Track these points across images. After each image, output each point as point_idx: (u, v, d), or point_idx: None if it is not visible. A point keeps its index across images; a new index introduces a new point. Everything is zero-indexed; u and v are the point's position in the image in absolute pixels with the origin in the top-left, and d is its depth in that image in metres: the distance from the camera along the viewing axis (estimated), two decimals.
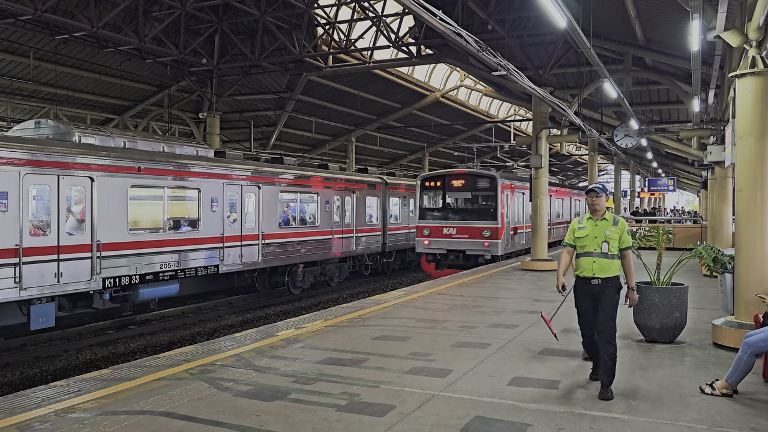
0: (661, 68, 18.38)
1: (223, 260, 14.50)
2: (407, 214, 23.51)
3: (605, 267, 5.94)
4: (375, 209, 21.43)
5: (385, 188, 22.05)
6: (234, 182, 14.97)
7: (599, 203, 6.07)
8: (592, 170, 30.06)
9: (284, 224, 16.73)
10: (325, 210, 18.34)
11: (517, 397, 5.77)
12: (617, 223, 6.07)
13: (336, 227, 18.84)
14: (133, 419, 5.22)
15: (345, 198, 19.43)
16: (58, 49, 18.40)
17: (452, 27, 8.19)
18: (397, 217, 22.87)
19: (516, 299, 11.94)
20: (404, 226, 23.29)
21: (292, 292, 17.25)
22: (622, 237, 6.02)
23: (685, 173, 45.34)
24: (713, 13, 7.72)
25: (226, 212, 14.64)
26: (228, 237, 14.66)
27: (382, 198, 21.86)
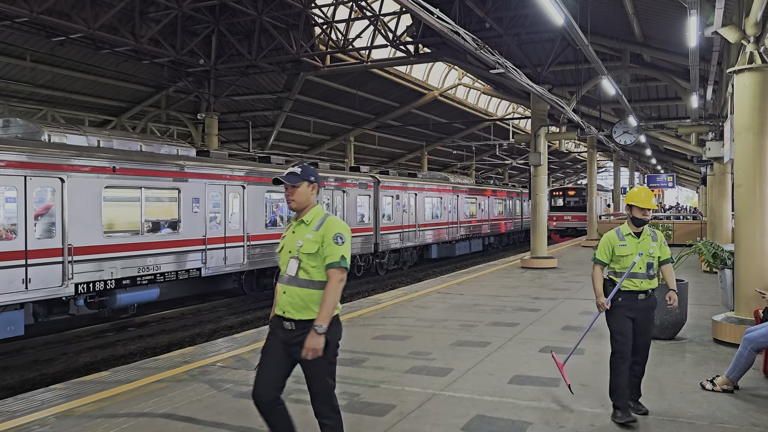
0: (659, 65, 18.37)
1: (205, 263, 13.95)
2: (401, 213, 22.86)
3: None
4: (367, 208, 20.76)
5: (377, 187, 21.38)
6: (217, 182, 14.41)
7: (298, 198, 3.78)
8: (591, 167, 30.03)
9: (271, 225, 16.12)
10: None
11: (517, 395, 5.75)
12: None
13: None
14: (133, 421, 5.21)
15: (335, 197, 18.78)
16: (54, 51, 18.35)
17: (450, 25, 8.17)
18: (390, 216, 22.12)
19: (516, 297, 11.93)
20: (398, 226, 22.54)
21: None
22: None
23: (684, 169, 45.34)
24: (711, 9, 7.70)
25: (208, 213, 14.08)
26: (211, 239, 14.10)
27: (374, 197, 21.18)
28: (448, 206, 26.72)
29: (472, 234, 29.34)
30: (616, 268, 5.26)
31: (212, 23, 19.13)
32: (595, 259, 5.41)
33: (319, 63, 20.78)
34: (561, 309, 10.47)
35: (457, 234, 27.53)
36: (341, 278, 3.70)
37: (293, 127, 29.34)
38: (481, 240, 30.71)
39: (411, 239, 23.39)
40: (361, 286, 19.57)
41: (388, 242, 21.79)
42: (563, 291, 12.65)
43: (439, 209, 25.95)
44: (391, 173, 24.00)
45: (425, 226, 24.58)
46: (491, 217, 31.95)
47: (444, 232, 26.24)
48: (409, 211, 23.31)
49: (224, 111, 25.30)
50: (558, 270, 16.85)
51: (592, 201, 29.08)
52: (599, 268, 5.38)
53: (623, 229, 5.34)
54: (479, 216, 30.28)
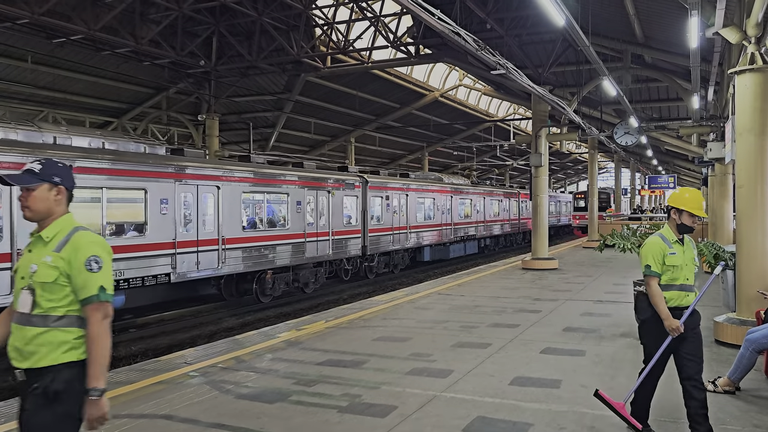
0: (660, 65, 18.37)
1: (175, 268, 13.00)
2: (391, 214, 21.74)
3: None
4: (354, 210, 19.70)
5: (365, 187, 20.29)
6: (188, 182, 13.54)
7: (35, 205, 2.87)
8: (592, 168, 30.02)
9: (249, 227, 15.25)
10: (296, 211, 16.65)
11: (518, 396, 5.74)
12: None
13: (309, 229, 17.14)
14: (134, 423, 5.20)
15: (320, 198, 17.79)
16: (54, 53, 18.35)
17: (451, 26, 8.17)
18: (379, 218, 21.04)
19: (516, 298, 11.92)
20: (388, 228, 21.41)
21: (260, 300, 15.80)
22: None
23: (685, 170, 45.30)
24: (712, 9, 7.70)
25: (178, 215, 13.21)
26: (182, 242, 13.20)
27: (362, 198, 20.09)
28: (442, 207, 25.79)
29: (467, 236, 28.40)
30: (663, 280, 4.61)
31: (213, 24, 19.13)
32: (650, 272, 4.60)
33: (319, 64, 20.77)
34: (562, 310, 10.45)
35: (451, 236, 26.59)
36: (105, 315, 2.82)
37: (294, 128, 29.34)
38: (476, 242, 29.82)
39: (402, 241, 22.40)
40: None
41: (377, 245, 20.76)
42: (564, 292, 12.63)
43: (432, 210, 25.04)
44: (382, 173, 23.10)
45: (417, 228, 23.63)
46: (487, 219, 31.11)
47: (437, 234, 25.35)
48: (400, 212, 22.35)
49: (225, 112, 25.30)
50: (559, 271, 16.83)
51: (593, 202, 29.08)
52: (656, 282, 4.61)
53: (667, 234, 4.70)
54: (474, 217, 29.42)
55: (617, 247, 8.37)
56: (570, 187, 76.67)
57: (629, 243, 8.29)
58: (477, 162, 46.35)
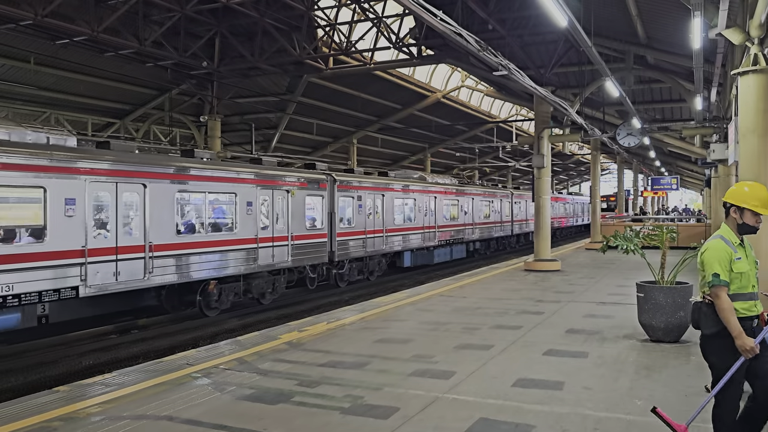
0: (663, 66, 18.34)
1: (85, 280, 10.99)
2: (364, 217, 19.57)
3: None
4: (319, 212, 17.62)
5: (332, 186, 18.14)
6: (104, 179, 11.52)
7: None
8: (595, 169, 30.00)
9: (186, 231, 13.41)
10: (246, 213, 14.69)
11: (521, 398, 5.73)
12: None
13: (263, 234, 15.16)
14: (137, 424, 5.20)
15: (276, 198, 15.78)
16: (57, 54, 18.39)
17: (452, 27, 8.16)
18: (350, 220, 18.94)
19: (519, 300, 11.90)
20: (360, 231, 19.24)
21: (205, 314, 14.05)
22: None
23: (688, 171, 45.22)
24: (715, 10, 7.68)
25: (89, 218, 11.20)
26: (94, 250, 11.22)
27: (329, 198, 17.96)
28: (424, 209, 23.63)
29: (454, 239, 26.28)
30: (731, 290, 4.04)
31: (215, 26, 19.15)
32: (720, 282, 3.99)
33: (321, 65, 20.78)
34: (564, 312, 10.43)
35: (435, 240, 24.40)
36: None
37: (296, 130, 29.36)
38: (464, 246, 27.64)
39: (377, 246, 20.29)
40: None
41: (347, 250, 18.67)
42: (567, 294, 12.61)
43: (413, 212, 22.88)
44: (357, 171, 21.26)
45: (395, 231, 21.47)
46: (476, 221, 28.93)
47: (419, 238, 23.18)
48: (375, 214, 20.20)
49: (227, 113, 25.33)
50: (562, 273, 16.80)
51: (595, 203, 29.02)
52: (726, 293, 4.00)
53: (729, 236, 4.15)
54: (462, 219, 27.25)
55: (620, 248, 8.35)
56: (573, 188, 76.59)
57: (632, 244, 8.26)
58: (479, 163, 46.37)
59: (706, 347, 4.21)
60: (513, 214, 34.36)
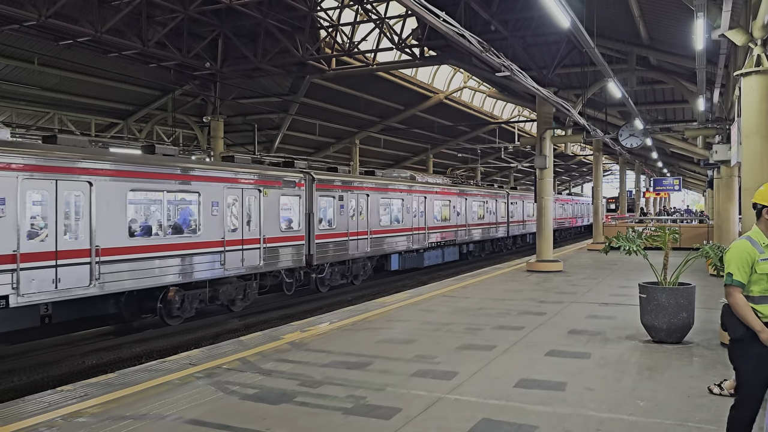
0: (665, 67, 18.32)
1: (17, 288, 9.91)
2: (347, 218, 18.51)
3: None
4: (296, 212, 16.54)
5: (311, 185, 17.03)
6: (41, 176, 10.47)
7: None
8: (597, 171, 29.97)
9: (142, 234, 12.40)
10: (212, 214, 13.58)
11: (523, 399, 5.74)
12: None
13: (232, 236, 14.10)
14: (140, 423, 5.22)
15: (247, 198, 14.68)
16: (61, 54, 18.45)
17: (455, 28, 8.17)
18: (331, 221, 17.89)
19: (521, 301, 11.90)
20: (342, 233, 18.18)
21: (167, 322, 13.09)
22: None
23: (690, 172, 45.17)
24: (718, 11, 7.68)
25: (23, 219, 10.17)
26: (28, 255, 10.15)
27: (306, 198, 16.83)
28: (414, 209, 22.54)
29: (445, 241, 25.20)
30: (755, 292, 3.99)
31: (218, 26, 19.19)
32: (732, 281, 3.98)
33: (324, 66, 20.81)
34: (567, 313, 10.43)
35: (425, 242, 23.33)
36: None
37: (299, 130, 29.39)
38: (456, 248, 26.53)
39: (361, 249, 19.26)
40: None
41: (327, 253, 17.56)
42: (569, 295, 12.61)
43: (400, 213, 21.85)
44: (341, 170, 20.15)
45: (381, 233, 20.39)
46: (470, 222, 27.80)
47: (407, 240, 22.05)
48: (359, 215, 19.13)
49: (230, 114, 25.38)
50: (564, 273, 16.79)
51: (597, 205, 28.99)
52: (740, 292, 3.99)
53: (757, 237, 4.07)
54: (454, 220, 26.16)
55: (622, 249, 8.35)
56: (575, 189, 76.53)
57: (635, 245, 8.26)
58: (482, 164, 46.36)
59: (731, 351, 4.15)
60: (509, 215, 33.32)
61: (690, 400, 5.63)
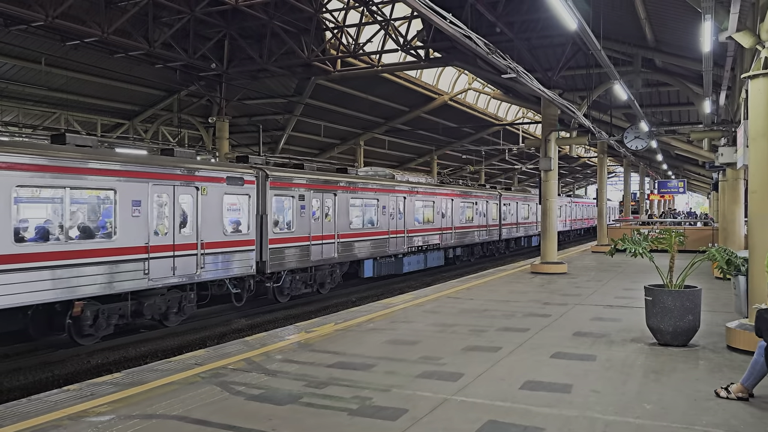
0: (671, 70, 18.31)
1: None
2: (308, 220, 16.48)
3: None
4: (245, 213, 14.63)
5: (263, 184, 15.07)
6: None
7: None
8: (602, 173, 29.93)
9: (36, 239, 10.57)
10: (132, 215, 11.69)
11: (529, 401, 5.73)
12: None
13: (158, 241, 12.18)
14: (147, 423, 5.24)
15: (180, 197, 12.80)
16: (68, 55, 18.54)
17: (462, 30, 8.18)
18: (289, 224, 15.93)
19: (526, 302, 11.89)
20: (303, 237, 16.21)
21: (77, 342, 11.40)
22: None
23: (695, 175, 45.08)
24: (725, 14, 7.67)
25: None
26: None
27: (258, 197, 14.91)
28: (391, 211, 20.69)
29: (428, 245, 23.20)
30: None
31: (224, 27, 19.25)
32: None
33: (329, 67, 20.85)
34: (572, 315, 10.41)
35: (405, 246, 21.40)
36: None
37: (303, 131, 29.45)
38: (441, 252, 24.50)
39: (327, 254, 17.28)
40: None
41: (284, 259, 15.57)
42: (574, 297, 12.59)
43: (375, 215, 19.90)
44: (307, 167, 18.43)
45: (351, 237, 18.45)
46: (457, 225, 25.74)
47: (383, 244, 20.17)
48: (324, 217, 17.23)
49: (235, 115, 25.45)
50: (568, 275, 16.77)
51: (602, 207, 28.94)
52: None
53: None
54: (439, 223, 24.14)
55: (628, 251, 8.34)
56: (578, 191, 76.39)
57: (640, 248, 8.25)
58: (486, 166, 46.33)
59: None
60: (501, 217, 31.15)
61: (697, 404, 5.62)
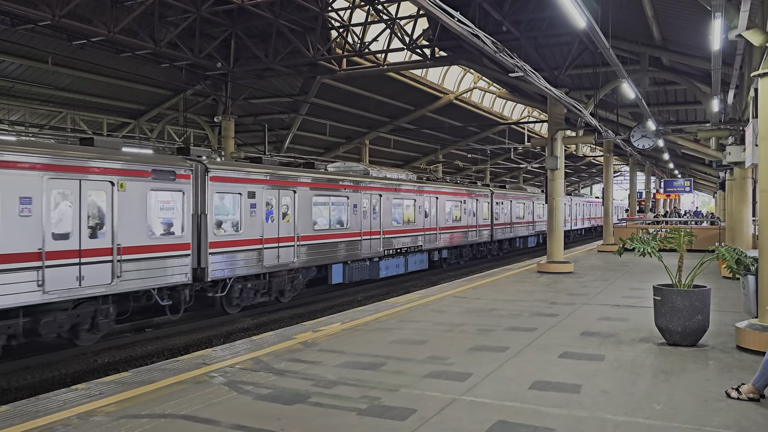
0: (678, 68, 18.21)
1: None
2: (260, 219, 14.56)
3: None
4: (179, 213, 12.67)
5: (202, 178, 13.16)
6: None
7: None
8: (608, 172, 29.82)
9: None
10: (19, 214, 9.75)
11: (539, 401, 5.71)
12: None
13: (58, 246, 10.28)
14: (155, 422, 5.24)
15: (88, 194, 10.92)
16: (74, 54, 18.58)
17: (470, 28, 8.15)
18: (237, 225, 14.00)
19: (532, 302, 11.85)
20: (253, 240, 14.29)
21: None
22: None
23: (701, 174, 44.86)
24: (735, 12, 7.61)
25: None
26: None
27: (195, 194, 12.98)
28: (365, 210, 18.83)
29: (409, 247, 21.32)
30: None
31: (230, 27, 19.26)
32: None
33: (335, 66, 20.83)
34: (579, 314, 10.37)
35: (380, 248, 19.48)
36: None
37: (309, 131, 29.44)
38: (425, 255, 22.61)
39: (285, 259, 15.28)
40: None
41: (229, 265, 13.72)
42: (580, 296, 12.54)
43: (345, 214, 17.94)
44: (267, 159, 16.53)
45: (316, 239, 16.47)
46: (442, 225, 23.80)
47: (356, 247, 18.32)
48: (281, 216, 15.27)
49: (241, 114, 25.46)
50: (575, 275, 16.72)
51: (608, 206, 28.83)
52: None
53: None
54: (421, 223, 22.21)
55: (637, 251, 8.29)
56: (584, 190, 76.18)
57: (649, 247, 8.20)
58: (491, 165, 46.26)
59: None
60: (493, 216, 29.28)
61: (707, 404, 5.58)
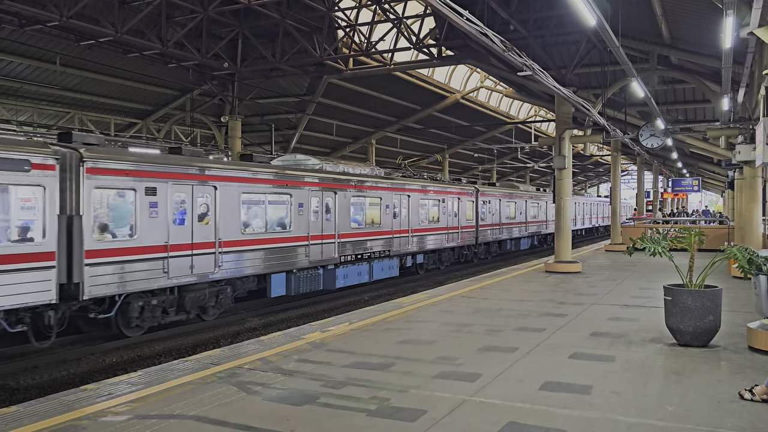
0: (687, 67, 18.08)
1: None
2: (165, 221, 11.97)
3: None
4: (39, 215, 9.95)
5: (76, 171, 10.48)
6: None
7: None
8: (615, 171, 29.69)
9: None
10: None
11: (549, 402, 5.66)
12: None
13: None
14: (165, 423, 5.23)
15: None
16: (82, 55, 18.66)
17: (478, 27, 8.11)
18: (132, 228, 11.45)
19: (541, 302, 11.79)
20: (155, 247, 11.73)
21: None
22: None
23: (709, 173, 44.60)
24: (747, 9, 7.54)
25: None
26: None
27: (65, 189, 10.31)
28: (315, 210, 16.07)
29: (374, 252, 18.71)
30: None
31: (237, 27, 19.29)
32: None
33: (342, 66, 20.83)
34: (588, 314, 10.31)
35: (334, 254, 16.73)
36: None
37: (316, 130, 29.47)
38: (395, 260, 20.05)
39: (201, 269, 12.64)
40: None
41: (119, 278, 11.09)
42: (589, 296, 12.47)
43: (287, 216, 15.23)
44: (188, 150, 13.51)
45: (246, 245, 13.83)
46: (415, 227, 21.23)
47: (302, 253, 15.52)
48: (196, 218, 12.65)
49: (248, 114, 25.50)
50: (582, 275, 16.63)
51: (615, 205, 28.71)
52: None
53: None
54: (389, 225, 19.58)
55: (647, 250, 8.22)
56: (590, 189, 75.91)
57: (659, 247, 8.13)
58: (498, 164, 46.16)
59: None
60: (479, 217, 26.56)
61: (720, 406, 5.52)
